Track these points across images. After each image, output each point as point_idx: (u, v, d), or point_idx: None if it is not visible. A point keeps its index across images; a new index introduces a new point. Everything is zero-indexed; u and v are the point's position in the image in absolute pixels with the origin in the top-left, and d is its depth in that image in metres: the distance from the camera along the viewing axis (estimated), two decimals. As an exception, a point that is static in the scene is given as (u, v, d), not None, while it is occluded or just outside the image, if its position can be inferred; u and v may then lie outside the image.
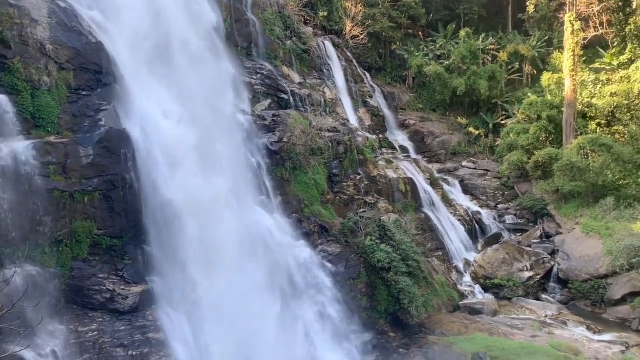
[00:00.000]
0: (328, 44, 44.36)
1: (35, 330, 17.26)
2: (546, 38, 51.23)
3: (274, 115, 30.14)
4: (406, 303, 25.95)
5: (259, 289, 22.49)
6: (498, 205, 41.62)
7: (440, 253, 34.17)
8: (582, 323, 28.69)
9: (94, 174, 20.07)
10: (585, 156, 36.12)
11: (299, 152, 28.66)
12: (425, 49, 51.89)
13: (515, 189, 42.30)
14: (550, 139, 41.52)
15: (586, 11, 43.99)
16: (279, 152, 28.00)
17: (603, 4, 43.89)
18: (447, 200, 38.68)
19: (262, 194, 26.43)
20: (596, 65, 44.51)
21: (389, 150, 42.41)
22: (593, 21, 45.23)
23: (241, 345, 20.90)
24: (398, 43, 52.75)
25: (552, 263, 33.27)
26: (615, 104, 40.26)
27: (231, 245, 21.72)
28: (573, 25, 39.99)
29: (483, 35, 51.45)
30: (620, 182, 36.23)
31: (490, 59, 50.14)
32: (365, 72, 48.85)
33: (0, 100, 18.58)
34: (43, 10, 20.56)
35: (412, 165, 38.96)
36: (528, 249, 34.62)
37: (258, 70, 33.33)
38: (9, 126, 18.76)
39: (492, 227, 38.68)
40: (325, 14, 46.39)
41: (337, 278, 26.02)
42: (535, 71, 49.84)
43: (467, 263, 34.88)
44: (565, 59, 40.76)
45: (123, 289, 19.90)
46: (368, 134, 39.60)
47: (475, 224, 38.35)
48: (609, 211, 33.41)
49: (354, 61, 47.50)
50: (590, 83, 42.15)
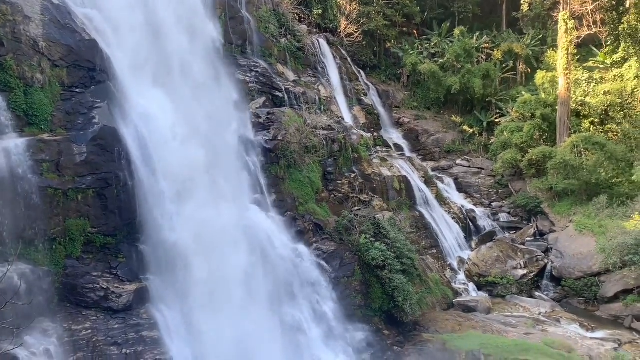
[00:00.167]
0: (323, 42, 44.30)
1: (29, 329, 17.21)
2: (540, 37, 51.38)
3: (268, 113, 30.09)
4: (401, 301, 26.00)
5: (254, 288, 22.51)
6: (492, 204, 41.74)
7: (435, 251, 34.23)
8: (576, 321, 28.81)
9: (88, 172, 20.01)
10: (579, 155, 36.29)
11: (294, 151, 28.64)
12: (420, 47, 51.86)
13: (510, 187, 42.43)
14: (544, 137, 41.68)
15: (580, 10, 44.10)
16: (274, 151, 27.96)
17: (597, 3, 44.01)
18: (442, 199, 38.74)
19: (257, 192, 26.42)
20: (590, 64, 44.69)
21: (384, 149, 42.40)
22: (587, 20, 45.36)
23: (236, 343, 20.89)
24: (393, 41, 52.70)
25: (546, 261, 33.40)
26: (608, 102, 40.49)
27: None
28: (567, 24, 40.15)
29: (478, 33, 51.50)
30: (613, 181, 36.39)
31: (484, 57, 50.22)
32: (360, 71, 48.81)
33: (-7, 97, 18.52)
34: (36, 8, 20.45)
35: (407, 164, 38.99)
36: (522, 247, 34.73)
37: (253, 68, 33.27)
38: (2, 124, 18.68)
39: (487, 226, 38.78)
40: (320, 12, 46.32)
41: (332, 276, 26.05)
42: (529, 70, 49.99)
43: (462, 261, 34.97)
44: (559, 57, 40.91)
45: (117, 287, 19.84)
46: (363, 133, 39.57)
47: (470, 222, 38.42)
48: (602, 209, 33.54)
49: (349, 59, 47.45)
50: (584, 82, 42.35)
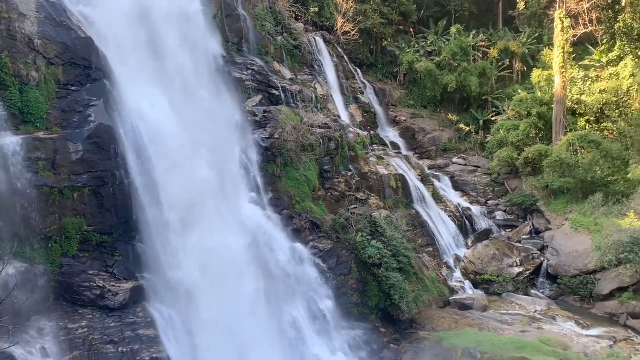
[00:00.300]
0: (319, 40, 44.24)
1: (25, 327, 17.17)
2: (536, 35, 51.45)
3: (264, 111, 30.05)
4: (397, 299, 26.06)
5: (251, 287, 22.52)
6: (488, 202, 41.82)
7: (431, 249, 34.27)
8: (571, 318, 28.93)
9: (84, 170, 19.94)
10: (575, 153, 36.38)
11: (290, 149, 28.60)
12: (416, 45, 51.83)
13: (505, 185, 42.51)
14: (540, 135, 41.77)
15: (576, 8, 44.13)
16: (270, 149, 27.92)
17: (592, 1, 44.05)
18: (438, 197, 38.78)
19: (253, 190, 26.40)
20: (586, 62, 44.77)
21: (380, 147, 42.38)
22: (583, 18, 45.41)
23: (233, 341, 20.90)
24: (389, 39, 52.65)
25: (542, 259, 33.50)
26: (604, 100, 40.60)
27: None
28: (563, 22, 40.21)
29: (474, 32, 51.53)
30: (608, 179, 36.50)
31: (480, 55, 50.25)
32: (357, 69, 48.77)
33: (-12, 95, 18.44)
34: (31, 5, 20.34)
35: (403, 162, 39.01)
36: (518, 244, 34.83)
37: (249, 66, 33.21)
38: (-3, 122, 18.59)
39: (482, 223, 38.86)
40: (316, 9, 46.27)
41: (328, 274, 26.07)
42: (525, 68, 50.04)
43: (458, 259, 35.04)
44: (555, 55, 40.98)
45: (113, 285, 19.81)
46: (359, 131, 39.55)
47: (466, 220, 38.49)
48: (597, 207, 33.65)
49: (345, 57, 47.41)
50: (579, 80, 42.44)
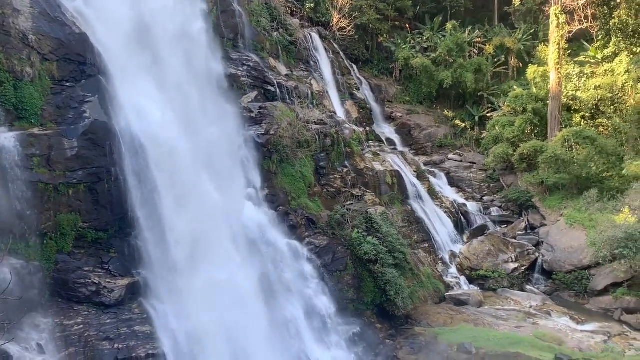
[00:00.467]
0: (315, 36, 44.15)
1: (20, 324, 17.12)
2: (532, 31, 51.51)
3: (260, 107, 30.01)
4: (393, 295, 26.13)
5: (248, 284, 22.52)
6: (484, 198, 41.91)
7: (427, 245, 34.36)
8: (566, 314, 29.08)
9: (79, 167, 19.89)
10: (570, 149, 36.47)
11: (286, 145, 28.59)
12: (412, 41, 51.82)
13: (501, 181, 42.62)
14: (536, 131, 41.88)
15: (571, 5, 44.19)
16: (266, 145, 27.90)
17: (588, -3, 44.22)
18: (434, 193, 38.84)
19: (249, 186, 26.38)
20: (581, 58, 44.83)
21: (376, 143, 42.43)
22: (578, 15, 45.48)
23: (229, 337, 20.91)
24: (385, 35, 52.59)
25: (537, 255, 33.64)
26: (599, 97, 40.71)
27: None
28: (558, 18, 40.27)
29: (470, 28, 51.55)
30: (603, 175, 36.65)
31: (476, 52, 50.31)
32: (353, 65, 48.70)
33: (-18, 91, 18.34)
34: (25, 1, 20.22)
35: (399, 158, 39.05)
36: (513, 240, 34.95)
37: (245, 62, 33.12)
38: (-8, 118, 18.51)
39: (478, 220, 38.96)
40: (312, 5, 46.15)
41: (324, 270, 26.11)
42: (521, 64, 50.12)
43: (453, 255, 35.13)
44: (550, 52, 41.05)
45: (109, 282, 19.79)
46: (355, 127, 39.55)
47: (462, 216, 38.58)
48: (592, 203, 33.76)
49: (341, 53, 47.34)
50: (575, 76, 42.53)
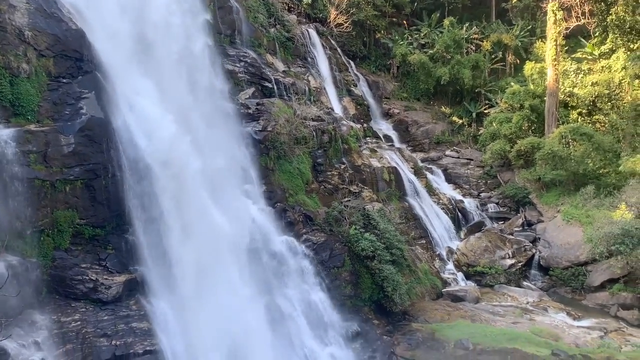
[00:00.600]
0: (312, 32, 44.09)
1: (17, 321, 17.10)
2: (529, 28, 51.55)
3: (258, 104, 29.96)
4: (390, 291, 26.17)
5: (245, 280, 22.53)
6: (481, 194, 41.99)
7: (424, 241, 34.42)
8: (563, 309, 29.18)
9: (76, 163, 19.82)
10: (567, 145, 36.54)
11: (284, 142, 28.57)
12: (410, 38, 51.77)
13: (498, 177, 42.69)
14: (533, 128, 41.93)
15: (569, 1, 44.21)
16: (264, 142, 27.87)
17: (585, -6, 44.25)
18: (431, 189, 38.91)
19: (247, 183, 26.35)
20: (578, 55, 44.92)
21: (374, 140, 42.41)
22: (575, 11, 45.52)
23: (227, 334, 20.92)
24: (382, 32, 52.57)
25: (534, 251, 33.73)
26: (596, 93, 40.79)
27: None
28: (556, 15, 40.30)
29: (467, 24, 51.54)
30: (600, 171, 36.73)
31: (474, 48, 50.31)
32: (350, 61, 48.68)
33: (-22, 88, 18.27)
34: (21, -4, 20.14)
35: (397, 155, 39.09)
36: (510, 237, 35.03)
37: (242, 58, 33.07)
38: (-12, 114, 18.44)
39: (475, 216, 39.07)
40: (309, 1, 46.07)
41: (322, 267, 26.13)
42: (518, 61, 50.15)
43: (451, 251, 35.22)
44: (547, 48, 41.08)
45: (106, 278, 19.75)
46: (352, 123, 39.56)
47: (459, 213, 38.67)
48: (589, 199, 33.87)
49: (339, 50, 47.30)
50: (572, 73, 42.57)
